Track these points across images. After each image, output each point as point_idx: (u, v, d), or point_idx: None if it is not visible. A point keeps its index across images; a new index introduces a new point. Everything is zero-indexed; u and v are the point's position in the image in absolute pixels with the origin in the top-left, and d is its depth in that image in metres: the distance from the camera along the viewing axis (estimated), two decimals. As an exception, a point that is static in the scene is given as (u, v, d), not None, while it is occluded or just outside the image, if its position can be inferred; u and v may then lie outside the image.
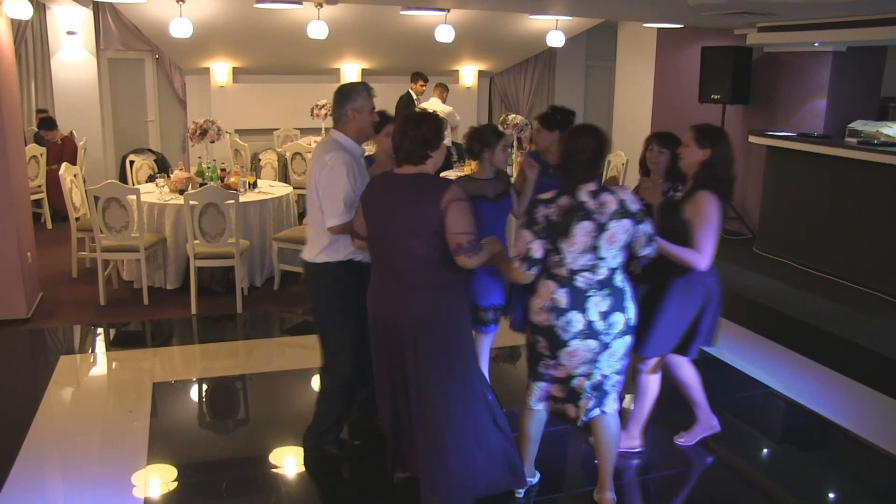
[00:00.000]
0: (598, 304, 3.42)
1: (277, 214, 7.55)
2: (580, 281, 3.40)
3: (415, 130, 3.39)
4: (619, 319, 3.45)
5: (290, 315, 6.80)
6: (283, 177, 9.79)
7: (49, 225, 9.66)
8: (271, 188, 7.87)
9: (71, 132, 10.15)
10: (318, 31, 9.15)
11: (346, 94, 3.96)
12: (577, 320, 3.40)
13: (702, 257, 3.76)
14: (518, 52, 12.87)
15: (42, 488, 4.07)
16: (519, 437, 3.88)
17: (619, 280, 3.48)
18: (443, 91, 10.13)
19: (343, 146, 3.95)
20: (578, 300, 3.41)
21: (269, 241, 7.28)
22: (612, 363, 3.53)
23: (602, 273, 3.41)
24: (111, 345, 6.28)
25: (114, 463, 4.29)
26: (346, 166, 3.85)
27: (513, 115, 9.26)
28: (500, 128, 9.11)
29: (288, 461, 4.38)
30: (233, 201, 6.53)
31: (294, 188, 8.28)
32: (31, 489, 4.01)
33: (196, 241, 6.56)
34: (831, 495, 4.34)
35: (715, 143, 3.88)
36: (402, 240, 3.41)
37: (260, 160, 9.77)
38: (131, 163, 8.68)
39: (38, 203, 9.44)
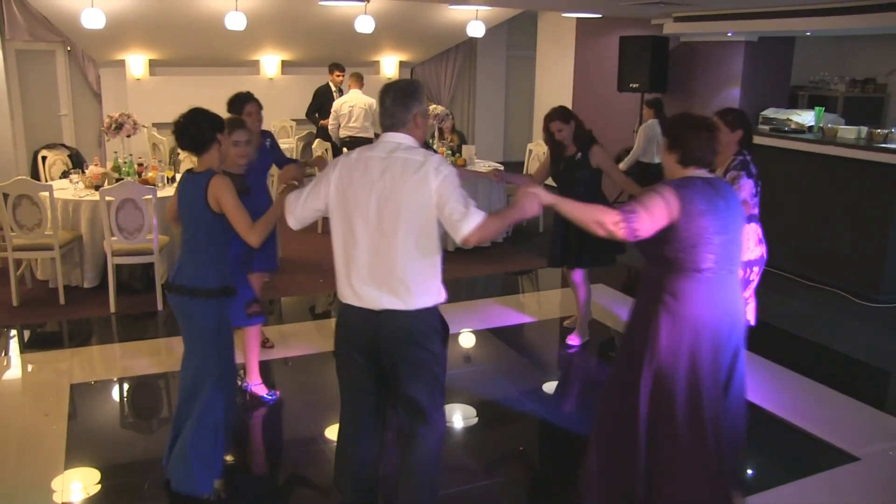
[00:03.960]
0: None
1: (198, 209, 7.41)
2: None
3: None
4: None
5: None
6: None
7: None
8: (191, 182, 7.71)
9: (-23, 127, 9.78)
10: (236, 22, 9.02)
11: (411, 94, 3.27)
12: None
13: None
14: (439, 43, 12.89)
15: (-46, 498, 3.93)
16: None
17: None
18: (359, 81, 10.07)
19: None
20: None
21: (190, 236, 7.14)
22: None
23: None
24: (26, 347, 6.08)
25: (31, 469, 4.18)
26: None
27: (434, 106, 9.29)
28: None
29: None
30: (150, 196, 6.39)
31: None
32: (-57, 499, 3.88)
33: (113, 238, 6.40)
34: (748, 472, 4.48)
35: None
36: None
37: (178, 154, 9.58)
38: (44, 158, 8.41)
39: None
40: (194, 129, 3.80)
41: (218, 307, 3.86)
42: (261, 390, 4.96)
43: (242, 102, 5.20)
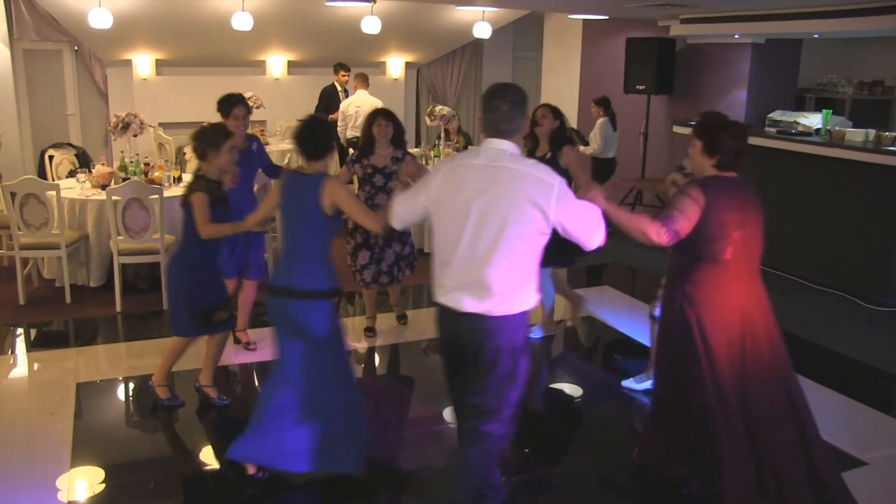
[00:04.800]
0: None
1: (204, 209, 7.42)
2: None
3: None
4: None
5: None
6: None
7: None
8: (197, 182, 7.71)
9: (-15, 126, 9.80)
10: (242, 22, 9.03)
11: (525, 100, 3.24)
12: None
13: None
14: (445, 44, 12.88)
15: (-40, 496, 3.94)
16: None
17: None
18: (364, 82, 10.07)
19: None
20: None
21: (196, 236, 7.15)
22: None
23: None
24: (32, 345, 6.09)
25: (37, 467, 4.18)
26: None
27: (440, 107, 9.29)
28: (428, 120, 9.20)
29: (217, 459, 4.32)
30: (157, 196, 6.40)
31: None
32: (-51, 497, 3.88)
33: (120, 238, 6.41)
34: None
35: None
36: None
37: (185, 154, 9.57)
38: (50, 157, 8.42)
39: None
40: (318, 135, 3.90)
41: (331, 307, 3.93)
42: (212, 392, 4.95)
43: (232, 105, 5.24)
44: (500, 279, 3.12)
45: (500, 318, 3.16)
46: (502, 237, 3.08)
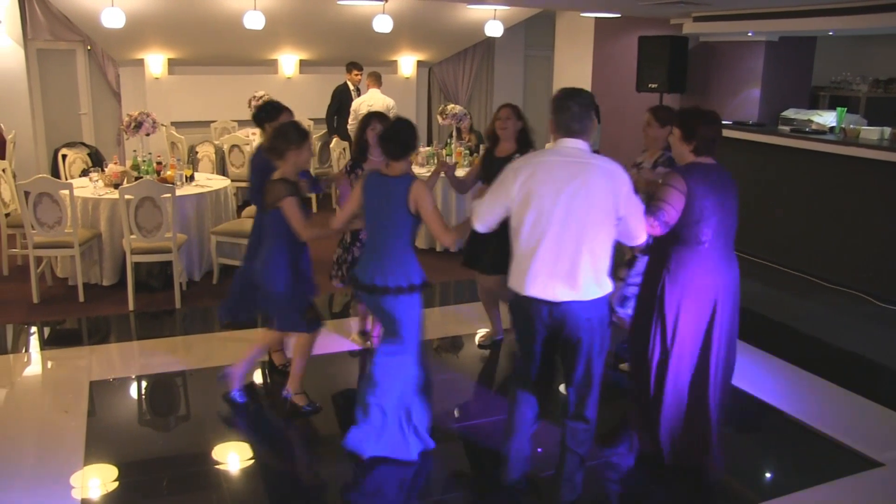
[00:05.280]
0: None
1: (215, 208, 7.44)
2: None
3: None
4: None
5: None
6: (221, 169, 9.65)
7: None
8: (209, 181, 7.74)
9: (-1, 125, 9.85)
10: (254, 21, 9.03)
11: (593, 102, 3.56)
12: None
13: None
14: (457, 42, 12.86)
15: (-25, 493, 3.95)
16: None
17: None
18: (377, 81, 10.05)
19: None
20: None
21: (208, 234, 7.17)
22: None
23: None
24: (46, 343, 6.11)
25: (50, 465, 4.19)
26: None
27: (452, 106, 9.26)
28: (440, 118, 9.19)
29: (230, 457, 4.33)
30: (169, 195, 6.41)
31: (232, 181, 8.17)
32: (-36, 494, 3.89)
33: (132, 236, 6.43)
34: (768, 475, 4.44)
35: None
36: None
37: (197, 153, 9.61)
38: (64, 157, 8.46)
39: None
40: (402, 136, 4.04)
41: (419, 299, 4.12)
42: (300, 401, 4.82)
43: (279, 111, 5.27)
44: (588, 267, 3.43)
45: (590, 303, 3.49)
46: (587, 227, 3.40)
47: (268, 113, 5.28)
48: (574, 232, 3.40)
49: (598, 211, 3.41)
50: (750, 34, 8.76)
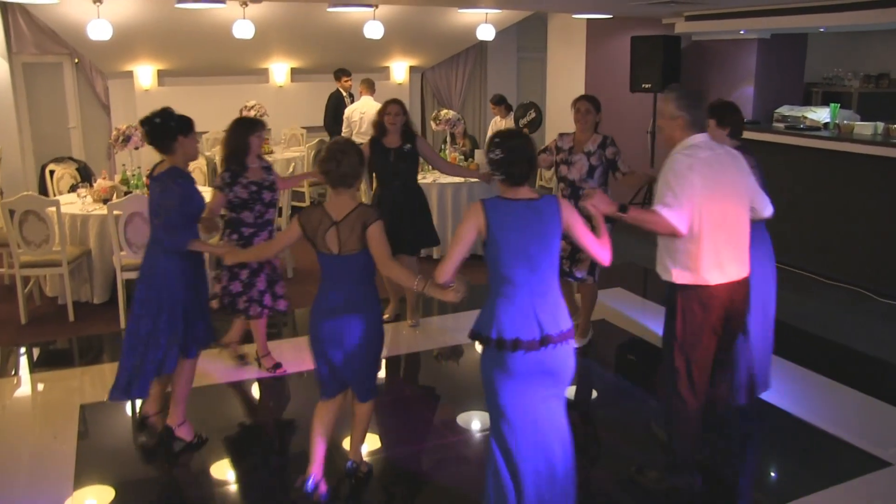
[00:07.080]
0: None
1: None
2: None
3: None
4: None
5: (223, 325, 6.59)
6: (212, 181, 9.55)
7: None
8: (200, 194, 7.63)
9: (-15, 141, 9.75)
10: (243, 30, 8.98)
11: (701, 97, 3.85)
12: None
13: None
14: (449, 47, 12.80)
15: (-38, 524, 3.87)
16: None
17: None
18: (370, 88, 9.97)
19: None
20: None
21: (200, 248, 7.07)
22: None
23: None
24: (35, 365, 6.01)
25: (41, 490, 4.11)
26: None
27: (445, 111, 9.19)
28: (433, 124, 9.11)
29: (227, 476, 4.26)
30: (159, 210, 6.31)
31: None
32: (-50, 526, 3.81)
33: (122, 253, 6.33)
34: (774, 476, 4.37)
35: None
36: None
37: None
38: (51, 172, 8.34)
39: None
40: (529, 155, 3.27)
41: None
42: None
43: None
44: (747, 245, 3.80)
45: (749, 277, 3.83)
46: (743, 208, 3.77)
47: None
48: (738, 214, 3.75)
49: (747, 191, 3.85)
50: (742, 32, 8.72)
